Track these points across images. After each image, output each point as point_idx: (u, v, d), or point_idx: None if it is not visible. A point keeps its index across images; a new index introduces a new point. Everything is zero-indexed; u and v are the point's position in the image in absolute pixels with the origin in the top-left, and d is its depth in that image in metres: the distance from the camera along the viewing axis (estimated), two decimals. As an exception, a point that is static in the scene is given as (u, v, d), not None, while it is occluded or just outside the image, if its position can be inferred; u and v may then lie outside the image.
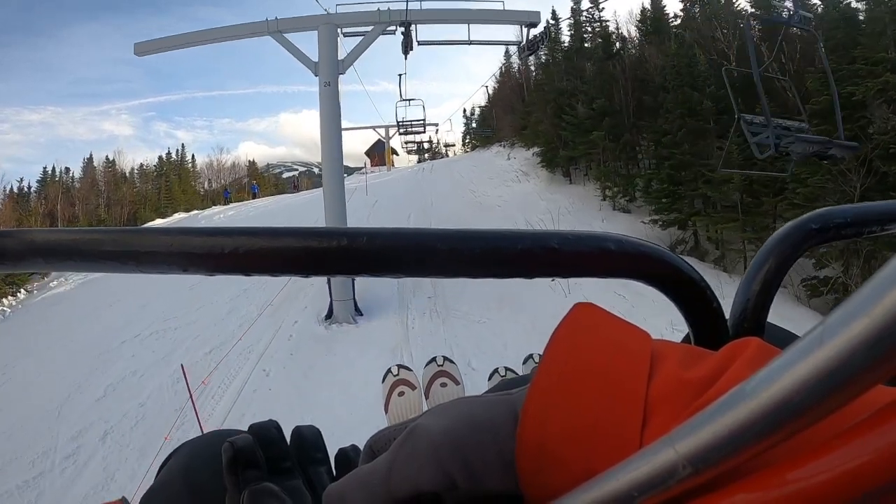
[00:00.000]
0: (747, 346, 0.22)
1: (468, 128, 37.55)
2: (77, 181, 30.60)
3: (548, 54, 18.89)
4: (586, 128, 13.95)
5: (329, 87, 8.07)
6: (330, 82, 8.17)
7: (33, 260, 0.30)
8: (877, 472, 0.13)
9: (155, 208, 30.57)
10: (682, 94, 11.64)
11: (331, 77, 8.10)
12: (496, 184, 17.03)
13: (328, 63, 8.22)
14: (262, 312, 7.91)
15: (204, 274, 0.29)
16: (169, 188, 32.87)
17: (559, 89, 16.05)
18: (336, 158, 8.35)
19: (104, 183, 30.12)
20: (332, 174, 8.02)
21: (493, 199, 15.31)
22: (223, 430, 0.46)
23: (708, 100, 11.24)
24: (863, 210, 0.45)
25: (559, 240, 0.31)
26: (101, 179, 30.49)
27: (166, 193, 32.34)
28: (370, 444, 0.29)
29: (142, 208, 30.10)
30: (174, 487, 0.41)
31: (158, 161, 35.38)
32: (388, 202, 15.74)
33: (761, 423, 0.14)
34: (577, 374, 0.23)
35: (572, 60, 16.95)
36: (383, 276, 0.29)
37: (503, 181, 17.21)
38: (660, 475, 0.16)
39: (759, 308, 0.42)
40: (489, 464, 0.23)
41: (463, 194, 16.18)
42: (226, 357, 6.51)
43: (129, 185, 31.42)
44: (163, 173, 34.56)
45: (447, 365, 1.34)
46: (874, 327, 0.11)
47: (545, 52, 18.45)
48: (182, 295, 9.06)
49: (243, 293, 8.74)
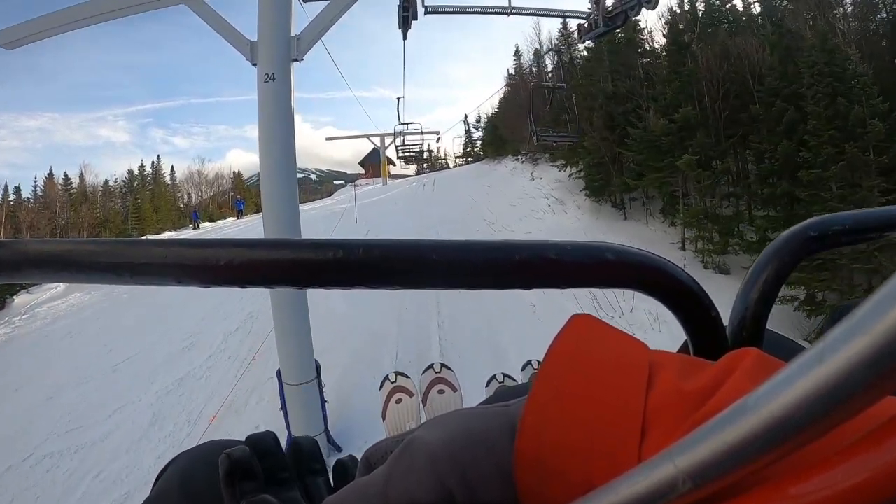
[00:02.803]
0: (746, 357, 0.22)
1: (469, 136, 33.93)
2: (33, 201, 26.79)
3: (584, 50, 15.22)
4: (664, 147, 9.78)
5: (272, 82, 4.39)
6: (275, 74, 4.42)
7: (28, 271, 0.29)
8: (879, 489, 0.13)
9: (120, 231, 26.71)
10: (832, 107, 7.47)
11: (278, 65, 4.48)
12: (522, 213, 13.08)
13: (273, 43, 4.50)
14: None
15: (198, 286, 0.28)
16: (138, 207, 29.05)
17: (607, 92, 12.20)
18: (287, 195, 4.53)
19: (60, 204, 26.28)
20: (282, 212, 4.46)
21: (521, 236, 11.39)
22: (220, 441, 0.47)
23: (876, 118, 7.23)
24: (861, 216, 0.44)
25: (557, 250, 0.30)
26: (58, 199, 26.65)
27: (134, 213, 28.51)
28: (367, 455, 0.29)
29: (103, 231, 26.23)
30: (171, 499, 0.41)
31: (128, 175, 31.57)
32: (383, 234, 11.83)
33: (762, 438, 0.13)
34: (575, 387, 0.23)
35: (619, 54, 13.18)
36: (379, 288, 0.29)
37: (531, 210, 13.24)
38: (659, 490, 0.16)
39: (757, 316, 0.42)
40: (487, 477, 0.23)
41: (478, 226, 12.13)
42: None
43: (91, 206, 27.56)
44: (132, 190, 30.74)
45: (444, 372, 1.33)
46: (875, 345, 0.11)
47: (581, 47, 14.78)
48: (95, 387, 6.17)
49: (177, 386, 5.68)
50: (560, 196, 13.49)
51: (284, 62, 4.24)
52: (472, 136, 33.17)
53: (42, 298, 13.68)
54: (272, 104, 4.16)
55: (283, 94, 4.16)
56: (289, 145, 4.21)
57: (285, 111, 4.18)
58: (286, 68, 4.24)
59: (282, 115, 4.18)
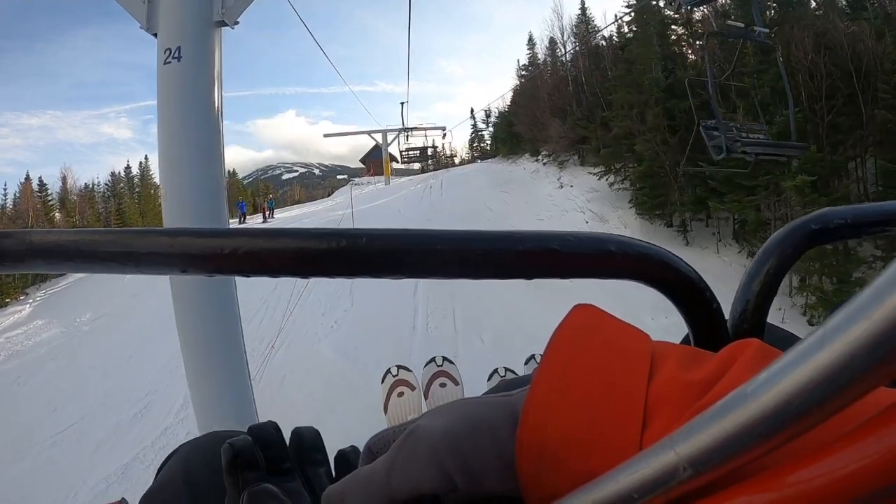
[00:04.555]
0: (747, 348, 0.22)
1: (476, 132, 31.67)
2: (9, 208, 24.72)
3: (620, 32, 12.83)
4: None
5: (175, 62, 2.42)
6: (179, 50, 2.42)
7: (33, 261, 0.29)
8: (878, 475, 0.13)
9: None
10: None
11: (190, 34, 2.50)
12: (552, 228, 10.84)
13: (179, 7, 2.46)
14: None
15: (203, 274, 0.28)
16: (121, 212, 26.91)
17: (656, 81, 9.83)
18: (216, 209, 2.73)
19: (34, 212, 24.16)
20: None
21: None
22: (222, 432, 0.47)
23: None
24: (862, 210, 0.44)
25: (560, 241, 0.30)
26: (32, 207, 24.53)
27: (117, 218, 26.38)
28: (369, 445, 0.29)
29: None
30: (174, 488, 0.42)
31: (111, 178, 29.37)
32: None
33: (762, 425, 0.14)
34: (577, 376, 0.23)
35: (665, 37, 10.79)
36: (383, 278, 0.29)
37: (564, 226, 10.95)
38: (660, 477, 0.16)
39: (758, 309, 0.42)
40: (489, 465, 0.23)
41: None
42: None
43: (67, 213, 25.40)
44: (115, 194, 28.57)
45: (446, 365, 1.33)
46: (875, 330, 0.11)
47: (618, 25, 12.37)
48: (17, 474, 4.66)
49: (119, 478, 4.19)
50: (599, 210, 11.18)
51: (201, 28, 2.46)
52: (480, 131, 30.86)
53: (2, 326, 11.87)
54: (177, 92, 2.44)
55: (198, 79, 2.43)
56: (212, 155, 2.52)
57: (203, 106, 2.46)
58: (206, 37, 2.48)
59: (198, 111, 2.46)
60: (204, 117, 2.52)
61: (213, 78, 2.46)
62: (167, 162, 2.51)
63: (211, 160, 2.55)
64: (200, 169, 2.53)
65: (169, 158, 2.52)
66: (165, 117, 2.56)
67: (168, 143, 2.52)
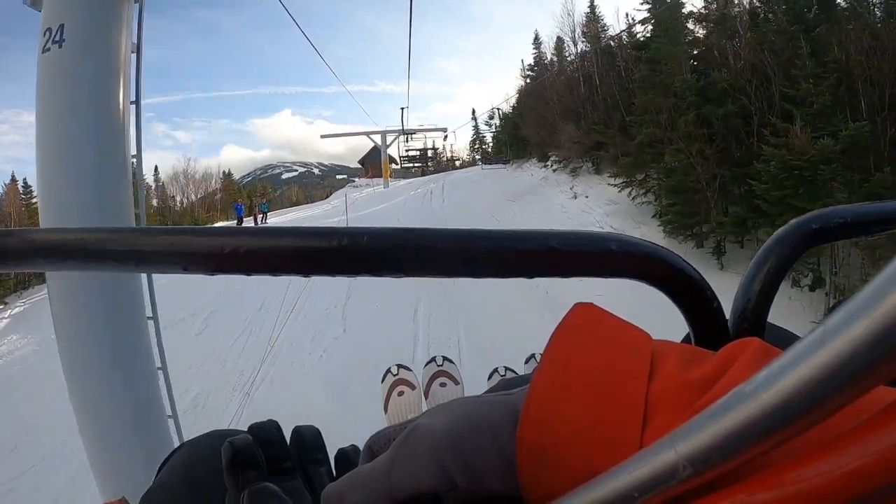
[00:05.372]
0: (748, 347, 0.22)
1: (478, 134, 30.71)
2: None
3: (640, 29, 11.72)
4: (818, 179, 5.96)
5: (57, 46, 1.66)
6: (63, 28, 1.66)
7: (34, 260, 0.29)
8: (877, 474, 0.13)
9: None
10: None
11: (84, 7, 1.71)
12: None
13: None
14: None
15: (205, 273, 0.29)
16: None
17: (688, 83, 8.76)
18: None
19: (17, 216, 23.10)
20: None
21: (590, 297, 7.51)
22: (223, 430, 0.47)
23: None
24: (863, 210, 0.44)
25: (560, 240, 0.30)
26: (15, 211, 23.48)
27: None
28: (370, 444, 0.29)
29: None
30: (174, 487, 0.41)
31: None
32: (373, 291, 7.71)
33: (762, 424, 0.14)
34: (578, 375, 0.23)
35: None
36: (384, 276, 0.29)
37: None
38: (660, 476, 0.16)
39: (759, 308, 0.41)
40: (489, 464, 0.23)
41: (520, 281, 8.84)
42: None
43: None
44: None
45: (447, 365, 1.30)
46: (875, 329, 0.11)
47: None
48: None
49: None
50: (620, 226, 10.05)
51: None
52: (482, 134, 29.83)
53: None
54: (56, 85, 1.76)
55: (96, 68, 1.79)
56: (119, 169, 2.03)
57: (106, 102, 1.86)
58: (116, 13, 1.84)
59: (101, 109, 1.86)
60: (106, 117, 1.92)
61: (118, 62, 1.84)
62: (44, 162, 1.98)
63: (110, 162, 2.02)
64: (95, 173, 2.01)
65: (46, 160, 1.97)
66: (47, 113, 1.88)
67: (46, 141, 1.92)
